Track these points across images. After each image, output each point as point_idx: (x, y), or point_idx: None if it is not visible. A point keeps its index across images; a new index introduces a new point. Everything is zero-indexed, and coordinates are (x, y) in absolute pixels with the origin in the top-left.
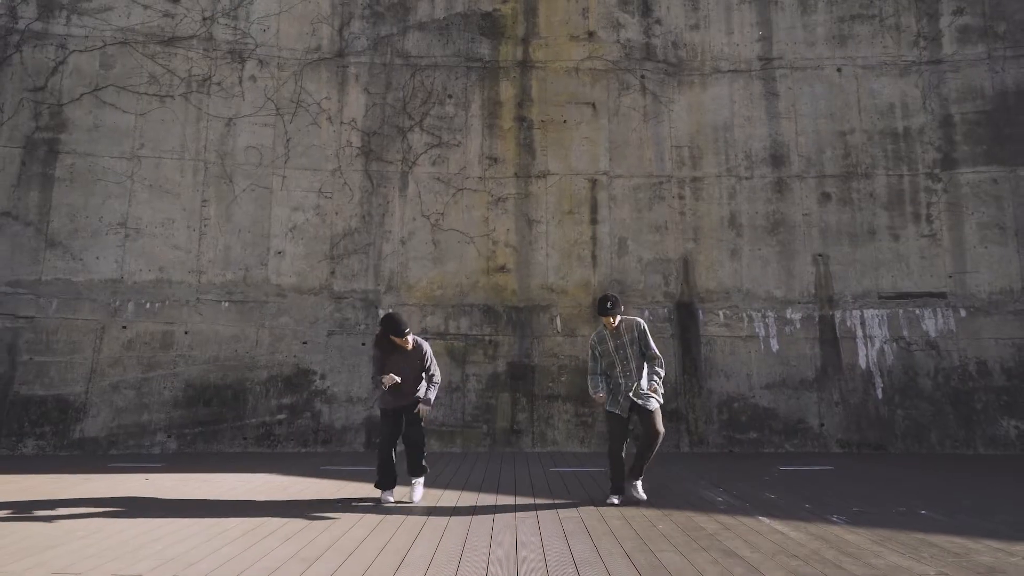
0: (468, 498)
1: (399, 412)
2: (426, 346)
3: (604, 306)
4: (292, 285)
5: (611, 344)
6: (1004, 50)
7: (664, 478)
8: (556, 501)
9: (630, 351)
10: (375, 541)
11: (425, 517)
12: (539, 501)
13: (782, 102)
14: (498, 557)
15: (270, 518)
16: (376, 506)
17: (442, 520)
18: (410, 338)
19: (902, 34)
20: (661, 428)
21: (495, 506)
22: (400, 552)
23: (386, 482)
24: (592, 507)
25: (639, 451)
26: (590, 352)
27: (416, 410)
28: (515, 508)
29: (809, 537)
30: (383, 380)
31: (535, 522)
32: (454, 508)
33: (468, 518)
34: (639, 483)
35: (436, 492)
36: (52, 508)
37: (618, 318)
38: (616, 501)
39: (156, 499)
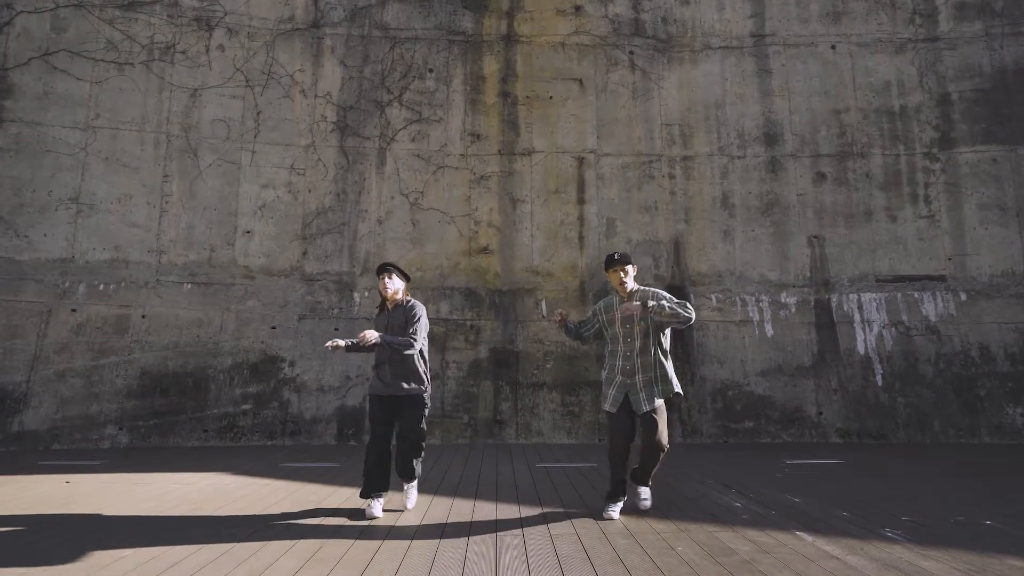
0: (440, 506)
1: (390, 402)
2: (419, 308)
3: (611, 257)
4: (261, 266)
5: (618, 314)
6: (1002, 27)
7: (665, 476)
8: (545, 509)
9: (637, 328)
10: None
11: (380, 540)
12: (525, 509)
13: (775, 80)
14: None
15: (185, 541)
16: (324, 523)
17: (403, 542)
18: (397, 283)
19: (897, 11)
20: (664, 440)
21: (471, 518)
22: None
23: (370, 488)
24: (589, 519)
25: (640, 460)
26: (589, 313)
27: (361, 337)
28: (496, 520)
29: (876, 565)
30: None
31: (520, 541)
32: (420, 523)
33: (436, 537)
34: (645, 490)
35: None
36: None
37: (630, 279)
38: (614, 514)
39: (58, 514)
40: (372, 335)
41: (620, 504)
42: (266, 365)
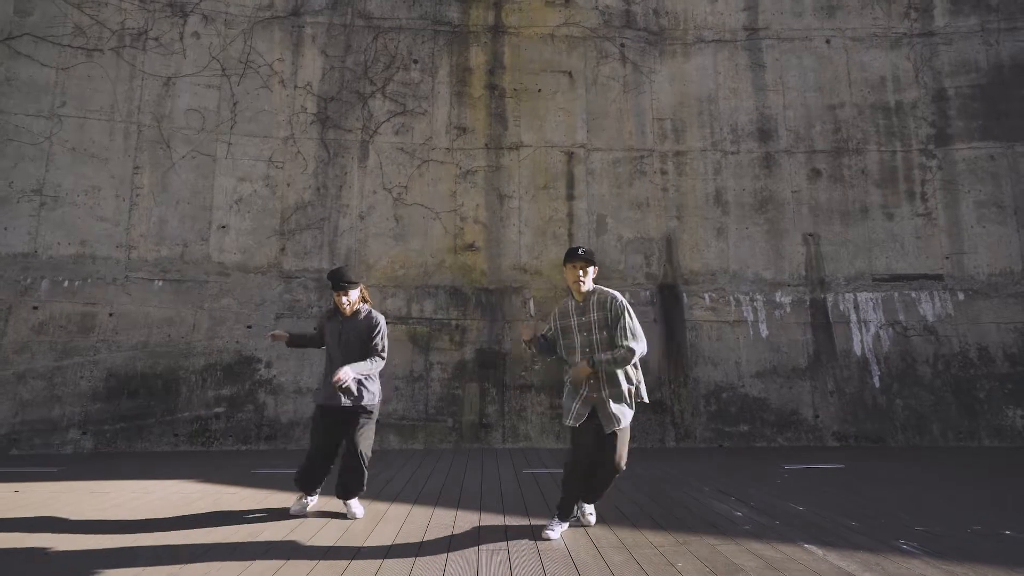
0: (419, 517)
1: (337, 415)
2: (381, 319)
3: (575, 252)
4: (236, 263)
5: (574, 321)
6: (998, 22)
7: (659, 482)
8: (532, 520)
9: (597, 337)
10: None
11: (349, 559)
12: (511, 520)
13: (769, 74)
14: None
15: (126, 561)
16: (289, 537)
17: (374, 561)
18: (353, 295)
19: (892, 5)
20: (623, 463)
21: (452, 531)
22: None
23: (307, 483)
24: (580, 528)
25: (595, 480)
26: (550, 322)
27: (336, 380)
28: (479, 532)
29: None
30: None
31: (505, 557)
32: (395, 537)
33: (412, 555)
34: (590, 507)
35: (380, 507)
36: None
37: (589, 280)
38: (554, 535)
39: None
40: (347, 376)
41: (566, 525)
42: (241, 366)
